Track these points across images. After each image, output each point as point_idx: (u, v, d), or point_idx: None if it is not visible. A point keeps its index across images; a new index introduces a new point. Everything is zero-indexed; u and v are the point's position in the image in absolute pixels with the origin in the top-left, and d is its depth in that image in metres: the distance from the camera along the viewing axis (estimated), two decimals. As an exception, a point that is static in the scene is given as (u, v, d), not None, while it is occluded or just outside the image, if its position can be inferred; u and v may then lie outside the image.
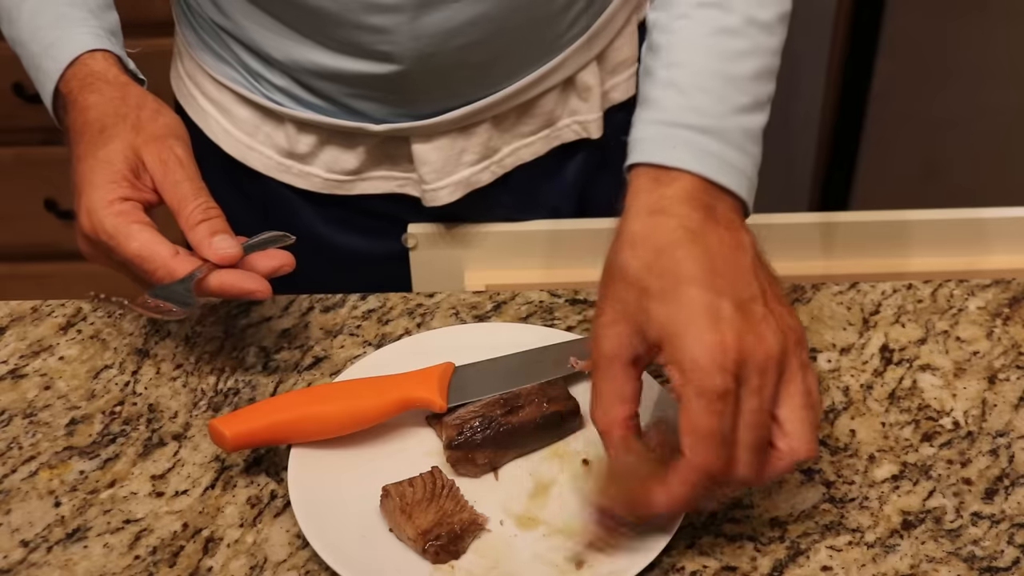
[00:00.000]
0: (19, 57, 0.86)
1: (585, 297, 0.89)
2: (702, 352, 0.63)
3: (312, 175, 0.96)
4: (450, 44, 0.87)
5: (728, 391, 0.63)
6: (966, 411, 0.80)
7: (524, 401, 0.76)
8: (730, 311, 0.64)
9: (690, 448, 0.63)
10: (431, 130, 0.92)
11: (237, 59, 0.93)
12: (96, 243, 0.77)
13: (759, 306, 0.66)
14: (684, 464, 0.64)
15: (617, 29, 0.97)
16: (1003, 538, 0.72)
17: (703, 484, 0.64)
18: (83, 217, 0.77)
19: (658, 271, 0.66)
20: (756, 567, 0.70)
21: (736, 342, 0.63)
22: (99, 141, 0.78)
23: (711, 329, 0.63)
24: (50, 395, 0.82)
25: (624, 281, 0.67)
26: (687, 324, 0.64)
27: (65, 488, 0.75)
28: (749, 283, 0.66)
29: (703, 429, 0.63)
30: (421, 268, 0.99)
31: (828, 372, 0.83)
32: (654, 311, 0.65)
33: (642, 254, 0.67)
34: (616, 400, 0.68)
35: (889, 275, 0.93)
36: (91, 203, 0.77)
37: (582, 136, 0.98)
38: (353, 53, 0.87)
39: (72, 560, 0.71)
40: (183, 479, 0.76)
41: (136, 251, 0.75)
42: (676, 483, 0.64)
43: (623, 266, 0.67)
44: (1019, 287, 0.90)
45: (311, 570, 0.70)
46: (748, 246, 0.68)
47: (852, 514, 0.73)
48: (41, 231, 1.89)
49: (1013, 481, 0.75)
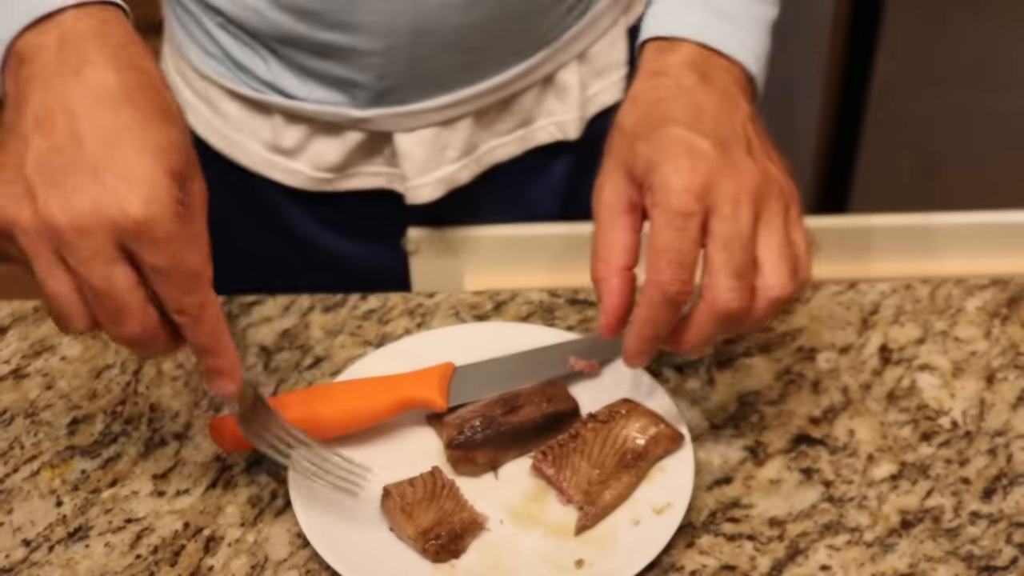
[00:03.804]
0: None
1: (585, 297, 0.89)
2: (672, 174, 0.66)
3: (298, 171, 0.96)
4: (447, 21, 0.86)
5: (691, 212, 0.66)
6: (964, 411, 0.80)
7: (524, 401, 0.77)
8: (708, 147, 0.67)
9: (652, 266, 0.66)
10: (415, 121, 0.92)
11: (221, 50, 0.93)
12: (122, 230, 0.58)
13: (740, 151, 0.69)
14: (646, 284, 0.67)
15: (604, 29, 0.97)
16: (1001, 537, 0.72)
17: (665, 309, 0.66)
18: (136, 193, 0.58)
19: (648, 120, 0.70)
20: (755, 567, 0.71)
21: (707, 171, 0.66)
22: (155, 105, 0.62)
23: (686, 157, 0.67)
24: (52, 395, 0.82)
25: (620, 133, 0.71)
26: (666, 154, 0.67)
27: (67, 487, 0.76)
28: (734, 132, 0.70)
29: (661, 244, 0.66)
30: (420, 272, 0.99)
31: (827, 372, 0.83)
32: (640, 149, 0.69)
33: (638, 108, 0.71)
34: (615, 249, 0.70)
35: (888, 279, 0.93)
36: (157, 188, 0.59)
37: (558, 138, 0.98)
38: (347, 26, 0.86)
39: (74, 559, 0.71)
40: (184, 478, 0.76)
41: (196, 265, 0.61)
42: (640, 306, 0.67)
43: (620, 121, 0.72)
44: (1017, 287, 0.90)
45: (312, 569, 0.71)
46: (742, 109, 0.72)
47: (851, 513, 0.74)
48: (42, 231, 1.89)
49: (1011, 480, 0.76)
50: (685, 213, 0.65)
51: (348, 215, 0.99)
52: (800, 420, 0.80)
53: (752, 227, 0.67)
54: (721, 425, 0.79)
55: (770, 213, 0.68)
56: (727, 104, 0.71)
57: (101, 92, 0.60)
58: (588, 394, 0.79)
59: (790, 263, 0.68)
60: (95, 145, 0.59)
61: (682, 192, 0.66)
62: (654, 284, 0.66)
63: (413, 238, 0.98)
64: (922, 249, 0.97)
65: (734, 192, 0.66)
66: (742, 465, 0.77)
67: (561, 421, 0.77)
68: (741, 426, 0.79)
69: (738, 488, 0.75)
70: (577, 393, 0.78)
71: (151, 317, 0.61)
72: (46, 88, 0.61)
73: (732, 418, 0.80)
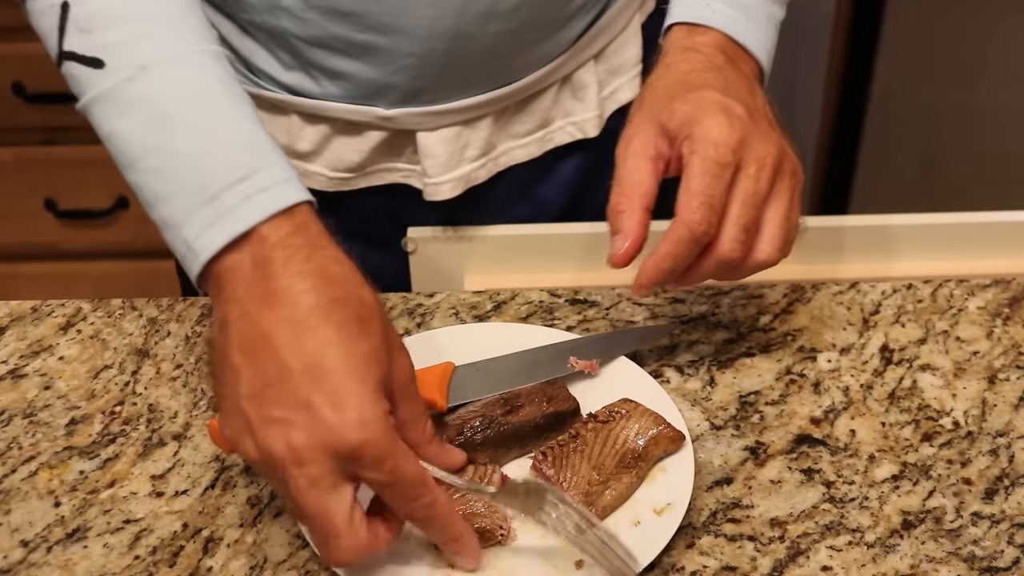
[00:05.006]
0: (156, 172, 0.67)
1: (585, 297, 0.89)
2: (713, 127, 0.73)
3: (315, 174, 0.95)
4: (488, 28, 0.86)
5: (727, 163, 0.72)
6: (966, 411, 0.80)
7: (524, 401, 0.76)
8: (742, 112, 0.74)
9: (684, 205, 0.72)
10: (439, 120, 0.92)
11: (231, 51, 0.92)
12: (339, 456, 0.61)
13: (765, 124, 0.75)
14: (675, 222, 0.72)
15: (620, 27, 0.98)
16: (1003, 538, 0.72)
17: (689, 247, 0.72)
18: (347, 418, 0.60)
19: (685, 84, 0.76)
20: (756, 567, 0.70)
21: (742, 130, 0.73)
22: (353, 315, 0.63)
23: (724, 114, 0.73)
24: (50, 395, 0.82)
25: (652, 94, 0.77)
26: (705, 111, 0.74)
27: (65, 488, 0.75)
28: (760, 107, 0.76)
29: (697, 187, 0.71)
30: (420, 272, 0.98)
31: (828, 372, 0.83)
32: (678, 107, 0.75)
33: (672, 74, 0.78)
34: (640, 189, 0.74)
35: (889, 279, 0.92)
36: (365, 408, 0.61)
37: (577, 137, 0.98)
38: (386, 29, 0.85)
39: (72, 560, 0.71)
40: (183, 479, 0.76)
41: (415, 473, 0.63)
42: (666, 242, 0.72)
43: (653, 84, 0.78)
44: (1019, 287, 0.90)
45: (311, 570, 0.70)
46: (761, 94, 0.78)
47: (852, 514, 0.73)
48: (41, 231, 1.90)
49: (1013, 481, 0.75)
50: (722, 163, 0.72)
51: (359, 222, 0.98)
52: (801, 420, 0.79)
53: (767, 191, 0.73)
54: (721, 425, 0.79)
55: (782, 185, 0.74)
56: (750, 86, 0.78)
57: (298, 317, 0.62)
58: (588, 394, 0.78)
59: (784, 236, 0.74)
60: (301, 376, 0.61)
61: (722, 144, 0.72)
62: (684, 223, 0.71)
63: (413, 238, 0.98)
64: (923, 249, 0.97)
65: (761, 156, 0.73)
66: (743, 465, 0.76)
67: (561, 421, 0.76)
68: (742, 426, 0.79)
69: (739, 488, 0.75)
70: (577, 393, 0.78)
71: (361, 543, 0.63)
72: (246, 316, 0.63)
73: (732, 418, 0.80)
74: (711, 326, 0.86)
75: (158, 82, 0.67)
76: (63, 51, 0.69)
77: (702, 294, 0.89)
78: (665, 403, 0.77)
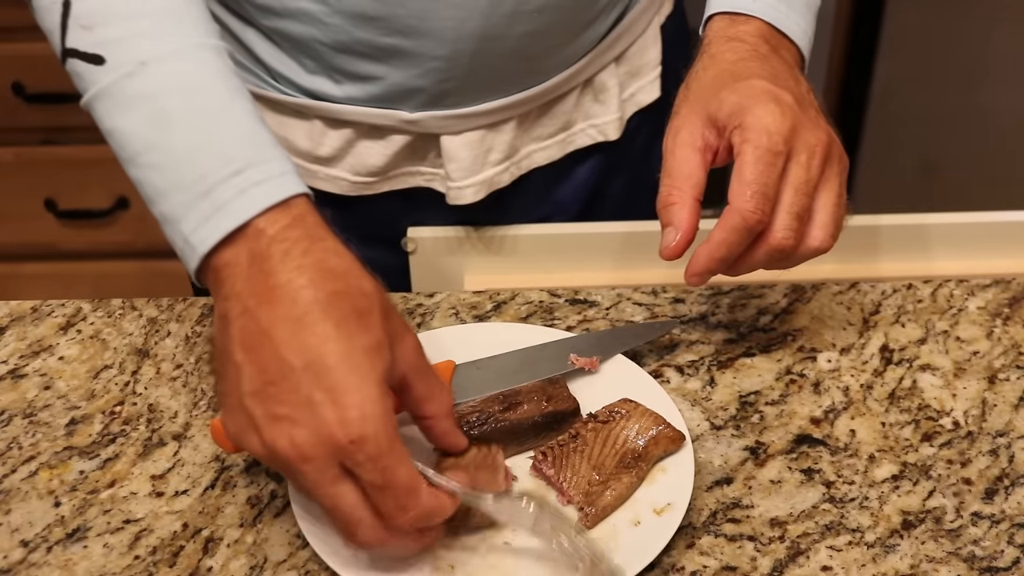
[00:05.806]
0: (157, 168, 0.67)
1: (585, 297, 0.89)
2: (765, 115, 0.73)
3: (338, 178, 0.95)
4: (514, 29, 0.86)
5: (779, 152, 0.72)
6: (966, 411, 0.80)
7: (524, 398, 0.76)
8: (791, 100, 0.74)
9: (737, 194, 0.72)
10: (463, 123, 0.92)
11: (253, 57, 0.91)
12: (340, 452, 0.61)
13: (812, 110, 0.76)
14: (728, 210, 0.72)
15: (642, 29, 0.98)
16: (1003, 538, 0.72)
17: (742, 235, 0.72)
18: (348, 415, 0.60)
19: (732, 74, 0.76)
20: (756, 567, 0.70)
21: (793, 119, 0.73)
22: (352, 308, 0.62)
23: (775, 103, 0.73)
24: (50, 395, 0.82)
25: (699, 84, 0.78)
26: (756, 100, 0.74)
27: (65, 488, 0.75)
28: (806, 95, 0.77)
29: (751, 176, 0.72)
30: (420, 272, 0.98)
31: (828, 372, 0.83)
32: (726, 97, 0.75)
33: (717, 64, 0.78)
34: (690, 180, 0.74)
35: (889, 279, 0.92)
36: (367, 405, 0.60)
37: (598, 140, 0.99)
38: (413, 32, 0.85)
39: (72, 560, 0.71)
40: (183, 479, 0.76)
41: (408, 479, 0.62)
42: (719, 230, 0.72)
43: (700, 74, 0.78)
44: (1019, 287, 0.90)
45: (311, 570, 0.70)
46: (804, 82, 0.78)
47: (852, 514, 0.73)
48: (41, 231, 1.90)
49: (1013, 481, 0.75)
50: (775, 151, 0.72)
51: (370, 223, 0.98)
52: (801, 420, 0.79)
53: (818, 179, 0.74)
54: (721, 425, 0.79)
55: (832, 172, 0.74)
56: (795, 74, 0.78)
57: (297, 313, 0.61)
58: (588, 394, 0.78)
59: (836, 222, 0.74)
60: (302, 373, 0.61)
61: (775, 133, 0.72)
62: (738, 211, 0.72)
63: (413, 238, 0.98)
64: (923, 249, 0.97)
65: (812, 144, 0.73)
66: (743, 465, 0.76)
67: (561, 421, 0.76)
68: (742, 426, 0.79)
69: (739, 489, 0.75)
70: (577, 392, 0.78)
71: (380, 527, 0.63)
72: (246, 313, 0.62)
73: (733, 418, 0.80)
74: (711, 326, 0.87)
75: (157, 78, 0.67)
76: (66, 48, 0.69)
77: (702, 294, 0.89)
78: (665, 403, 0.77)
